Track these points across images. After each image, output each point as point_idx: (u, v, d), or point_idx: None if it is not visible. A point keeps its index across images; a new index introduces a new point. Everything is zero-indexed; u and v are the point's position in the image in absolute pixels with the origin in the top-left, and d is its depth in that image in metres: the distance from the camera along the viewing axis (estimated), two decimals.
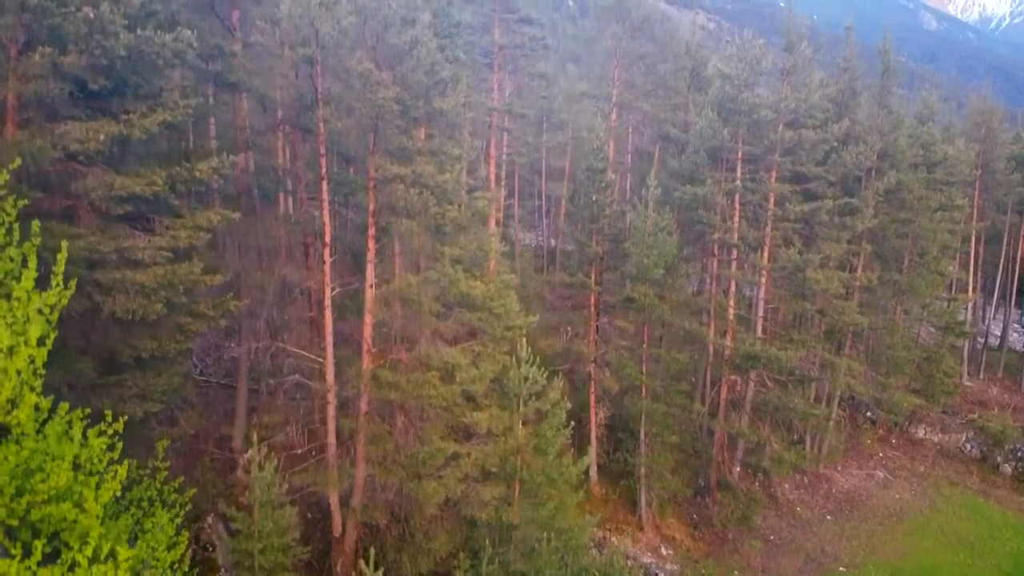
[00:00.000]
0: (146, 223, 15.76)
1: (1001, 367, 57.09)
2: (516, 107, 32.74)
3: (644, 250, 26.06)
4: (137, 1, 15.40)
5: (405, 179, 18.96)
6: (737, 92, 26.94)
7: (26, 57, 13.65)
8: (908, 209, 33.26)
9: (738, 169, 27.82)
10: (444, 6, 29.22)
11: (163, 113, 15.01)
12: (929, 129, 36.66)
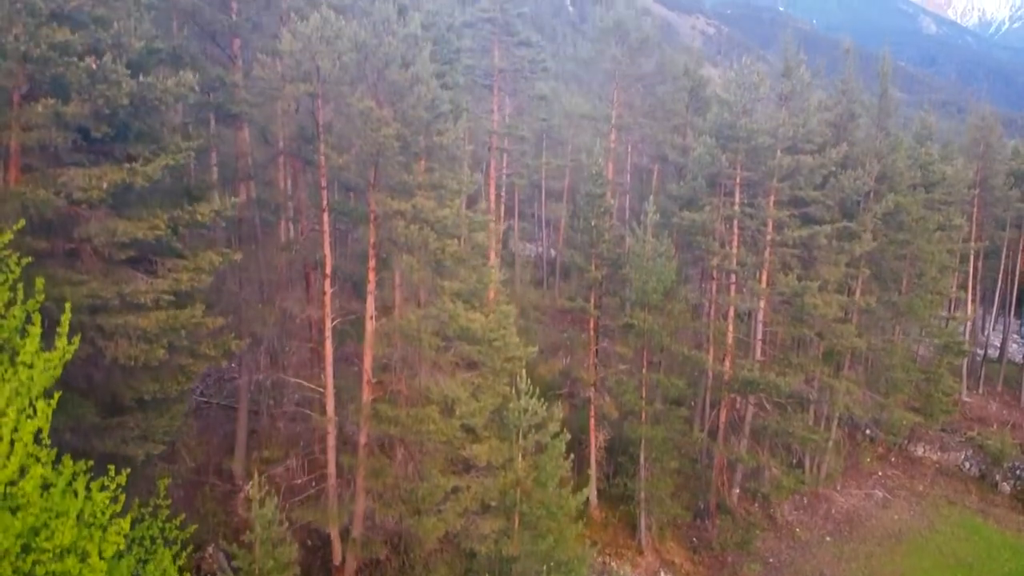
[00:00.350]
0: (148, 264, 15.89)
1: (1000, 380, 57.16)
2: (516, 129, 32.87)
3: (643, 275, 26.18)
4: (139, 45, 15.59)
5: (405, 214, 19.09)
6: (735, 119, 27.08)
7: (29, 106, 13.79)
8: (906, 231, 33.40)
9: (736, 194, 27.94)
10: (444, 32, 29.45)
11: (166, 158, 15.13)
12: (928, 149, 36.82)
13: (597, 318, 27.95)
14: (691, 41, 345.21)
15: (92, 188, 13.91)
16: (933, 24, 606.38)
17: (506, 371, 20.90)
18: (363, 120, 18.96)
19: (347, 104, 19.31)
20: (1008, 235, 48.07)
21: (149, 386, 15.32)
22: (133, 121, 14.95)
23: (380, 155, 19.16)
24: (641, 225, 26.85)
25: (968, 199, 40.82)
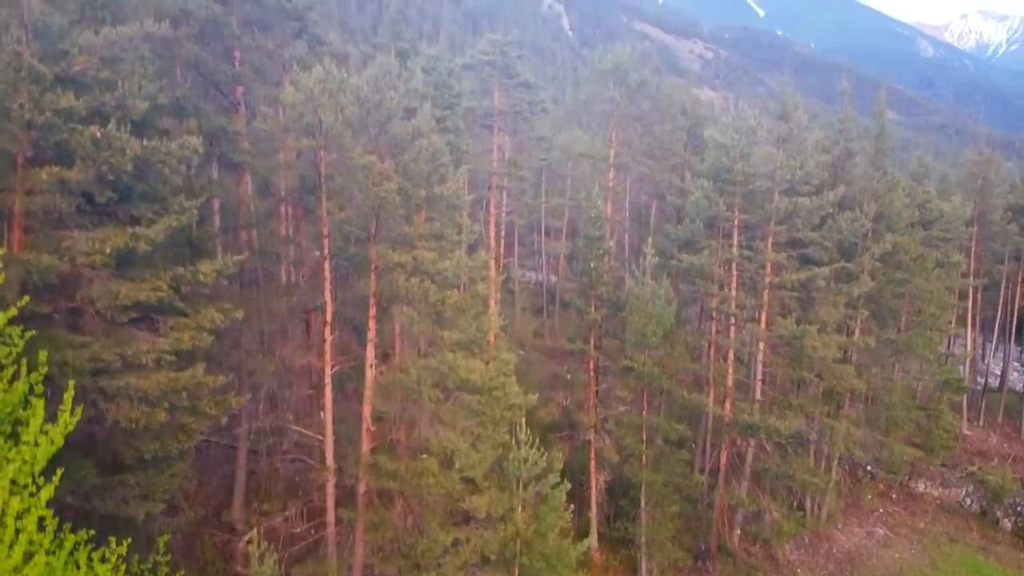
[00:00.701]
0: (150, 322, 16.00)
1: (1001, 410, 57.04)
2: (516, 169, 33.14)
3: (642, 318, 26.28)
4: (143, 106, 15.81)
5: (406, 267, 19.23)
6: (732, 163, 27.30)
7: (33, 171, 13.97)
8: (904, 269, 33.54)
9: (735, 236, 28.11)
10: (444, 77, 29.82)
11: (169, 219, 15.30)
12: (925, 186, 37.05)
13: (597, 359, 28.01)
14: (689, 65, 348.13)
15: (95, 252, 14.05)
16: (930, 47, 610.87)
17: (506, 419, 20.94)
18: (364, 174, 19.15)
19: (349, 157, 19.54)
20: (1007, 268, 48.21)
21: (150, 445, 15.38)
22: (136, 183, 15.12)
23: (381, 208, 19.34)
24: (640, 267, 27.01)
25: (966, 236, 41.01)
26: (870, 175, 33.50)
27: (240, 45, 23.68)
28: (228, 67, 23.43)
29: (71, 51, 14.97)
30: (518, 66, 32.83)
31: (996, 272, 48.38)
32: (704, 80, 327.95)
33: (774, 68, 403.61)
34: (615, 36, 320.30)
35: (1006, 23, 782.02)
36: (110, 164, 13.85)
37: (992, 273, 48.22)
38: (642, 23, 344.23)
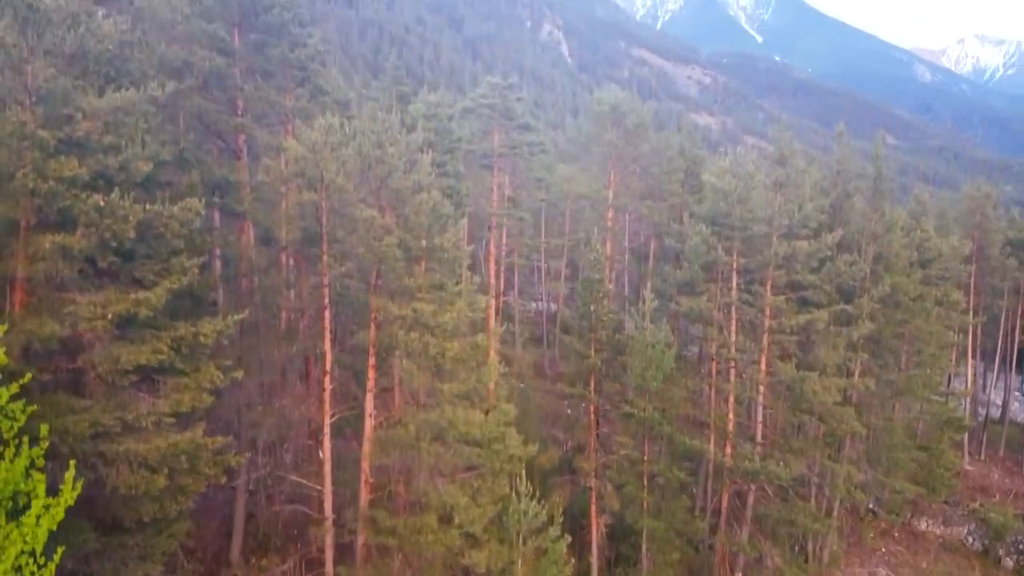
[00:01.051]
0: (150, 382, 16.05)
1: (1002, 443, 56.89)
2: (515, 210, 33.33)
3: (642, 363, 26.32)
4: (147, 168, 15.97)
5: (405, 319, 19.30)
6: (730, 208, 27.47)
7: (35, 238, 14.08)
8: (904, 310, 33.60)
9: (733, 280, 28.21)
10: (445, 123, 30.09)
11: (170, 281, 15.37)
12: (923, 225, 37.20)
13: (597, 404, 28.01)
14: (687, 90, 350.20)
15: (97, 318, 14.12)
16: (928, 72, 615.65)
17: (506, 471, 20.92)
18: (366, 228, 19.30)
19: (350, 211, 19.69)
20: (1007, 303, 48.30)
21: (149, 508, 15.35)
22: (139, 246, 15.22)
23: (381, 262, 19.46)
24: (640, 311, 27.09)
25: (965, 273, 41.15)
26: (868, 215, 33.65)
27: (243, 95, 23.93)
28: (231, 117, 23.67)
29: (75, 116, 15.13)
30: (517, 108, 33.13)
31: (996, 306, 48.46)
32: (702, 105, 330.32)
33: (772, 93, 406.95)
34: (614, 62, 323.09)
35: (1003, 48, 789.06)
36: (113, 231, 13.96)
37: (992, 307, 48.30)
38: (640, 49, 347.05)
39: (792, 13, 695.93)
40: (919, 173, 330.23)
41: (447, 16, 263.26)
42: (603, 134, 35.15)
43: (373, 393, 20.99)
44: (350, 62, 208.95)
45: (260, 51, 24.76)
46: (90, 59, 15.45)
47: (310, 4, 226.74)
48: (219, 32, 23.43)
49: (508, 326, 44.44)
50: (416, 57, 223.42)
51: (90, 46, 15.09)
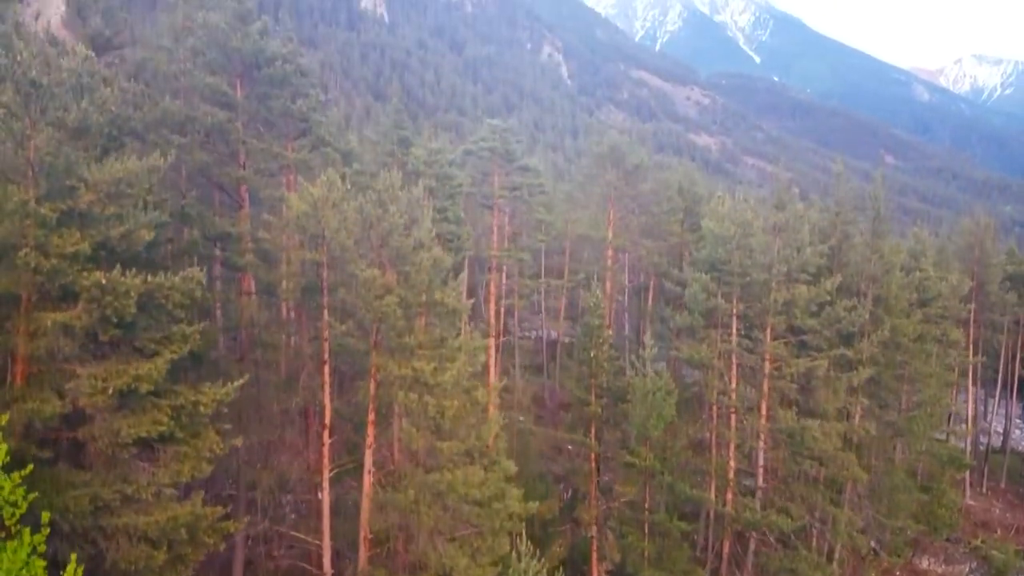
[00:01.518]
0: (150, 451, 16.05)
1: (1004, 474, 56.74)
2: (515, 252, 33.44)
3: (643, 411, 26.30)
4: (149, 236, 16.06)
5: (405, 379, 19.32)
6: (730, 255, 27.55)
7: (37, 315, 14.15)
8: (904, 351, 33.62)
9: (733, 326, 28.25)
10: (445, 168, 30.25)
11: (171, 351, 15.43)
12: (923, 264, 37.27)
13: (598, 452, 27.96)
14: (686, 111, 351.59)
15: (97, 393, 14.15)
16: (926, 92, 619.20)
17: (506, 529, 20.85)
18: (366, 288, 19.37)
19: (351, 271, 19.77)
20: (1007, 340, 48.32)
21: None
22: (141, 320, 15.27)
23: (381, 322, 19.52)
24: (640, 358, 27.11)
25: (965, 312, 41.20)
26: (867, 256, 33.74)
27: (245, 147, 24.07)
28: (233, 170, 23.80)
29: (77, 186, 15.24)
30: (517, 151, 33.31)
31: (996, 341, 48.47)
32: (701, 126, 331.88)
33: (770, 113, 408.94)
34: (613, 84, 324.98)
35: (1000, 67, 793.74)
36: (114, 308, 14.01)
37: (992, 341, 48.30)
38: (639, 71, 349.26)
39: (790, 34, 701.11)
40: (918, 193, 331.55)
41: (448, 39, 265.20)
42: (603, 174, 35.34)
43: (372, 449, 20.98)
44: (352, 85, 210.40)
45: (262, 102, 24.92)
46: (93, 130, 15.56)
47: (312, 27, 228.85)
48: (221, 86, 23.62)
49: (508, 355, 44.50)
50: (417, 80, 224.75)
51: (93, 119, 15.20)
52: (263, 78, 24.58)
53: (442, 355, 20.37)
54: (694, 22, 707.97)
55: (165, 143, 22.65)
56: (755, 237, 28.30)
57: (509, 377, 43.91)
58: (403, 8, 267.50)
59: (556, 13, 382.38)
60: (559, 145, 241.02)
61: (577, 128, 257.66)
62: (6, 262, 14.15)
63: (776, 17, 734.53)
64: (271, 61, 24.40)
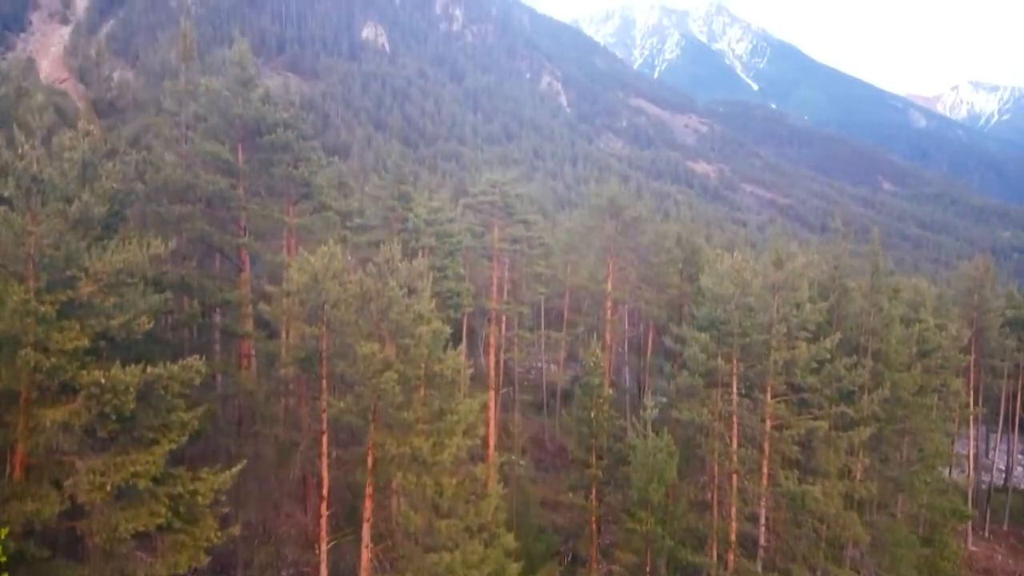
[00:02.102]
0: (148, 539, 15.96)
1: (1006, 516, 56.28)
2: (515, 306, 33.47)
3: (644, 473, 26.19)
4: (148, 326, 16.05)
5: (403, 457, 19.24)
6: (729, 315, 27.56)
7: (37, 411, 14.13)
8: (904, 406, 33.53)
9: (734, 386, 28.19)
10: (446, 226, 30.38)
11: (169, 440, 15.39)
12: (922, 316, 37.28)
13: (599, 515, 27.81)
14: (684, 139, 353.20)
15: (96, 490, 14.09)
16: (923, 118, 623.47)
17: None
18: (365, 364, 19.34)
19: (350, 344, 19.77)
20: (1007, 386, 48.24)
21: None
22: (140, 413, 15.24)
23: (380, 398, 19.48)
24: (641, 419, 27.04)
25: (964, 363, 41.17)
26: (867, 310, 33.77)
27: (246, 213, 24.19)
28: (234, 236, 23.90)
29: (78, 276, 15.28)
30: (516, 204, 33.45)
31: (996, 387, 48.37)
32: (699, 153, 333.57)
33: (769, 140, 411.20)
34: (612, 112, 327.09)
35: (997, 94, 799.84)
36: (113, 405, 14.00)
37: (992, 387, 48.20)
38: (638, 99, 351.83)
39: (787, 62, 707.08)
40: (916, 220, 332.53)
41: (448, 69, 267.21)
42: (601, 226, 35.47)
43: (370, 523, 20.84)
44: (353, 114, 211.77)
45: (264, 168, 25.08)
46: (94, 221, 15.63)
47: (314, 57, 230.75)
48: (223, 153, 23.78)
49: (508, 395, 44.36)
50: (418, 110, 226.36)
51: (93, 211, 15.27)
52: (265, 144, 24.75)
53: (441, 429, 20.30)
54: (692, 50, 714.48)
55: (167, 212, 22.85)
56: (754, 296, 28.32)
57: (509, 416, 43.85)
58: (404, 38, 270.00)
59: (555, 43, 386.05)
60: (558, 173, 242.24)
61: (576, 156, 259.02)
62: (5, 357, 14.15)
63: (773, 45, 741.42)
64: (273, 128, 24.59)
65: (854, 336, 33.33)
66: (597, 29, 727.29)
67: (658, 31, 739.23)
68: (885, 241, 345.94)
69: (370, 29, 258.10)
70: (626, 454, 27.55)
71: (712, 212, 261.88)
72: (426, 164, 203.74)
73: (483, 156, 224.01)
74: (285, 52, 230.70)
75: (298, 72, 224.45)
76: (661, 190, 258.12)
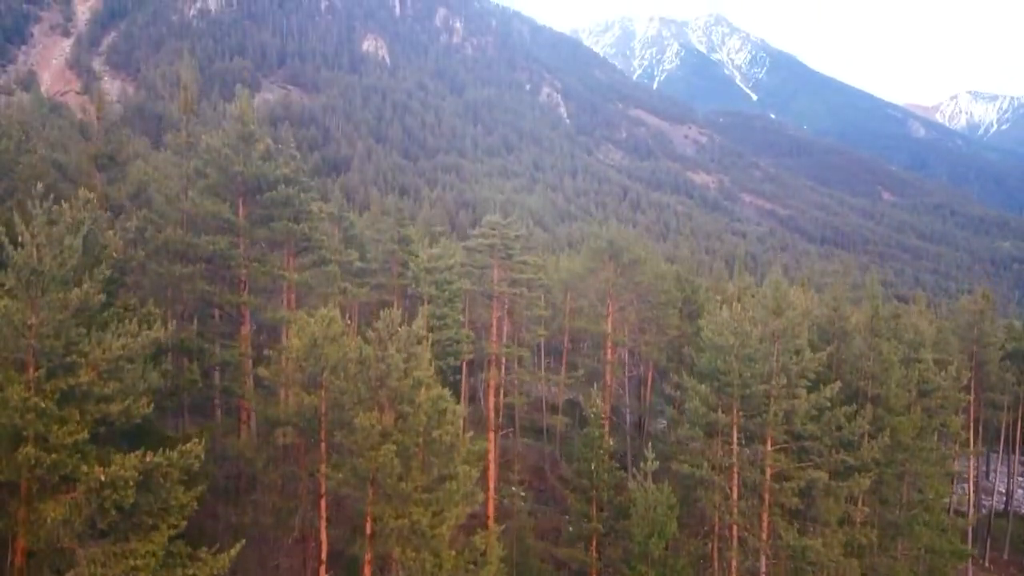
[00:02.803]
0: None
1: (1007, 543, 56.04)
2: (515, 350, 33.47)
3: (645, 528, 26.15)
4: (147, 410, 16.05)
5: (402, 531, 19.22)
6: (728, 367, 27.57)
7: (38, 507, 14.12)
8: (903, 450, 33.50)
9: (733, 437, 28.18)
10: (445, 275, 30.41)
11: (168, 524, 15.38)
12: (922, 356, 37.25)
13: (599, 569, 27.76)
14: (684, 150, 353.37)
15: None
16: (922, 128, 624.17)
17: None
18: (363, 435, 19.35)
19: (349, 414, 19.78)
20: (1006, 418, 48.21)
21: None
22: (139, 495, 15.23)
23: (378, 471, 19.47)
24: (641, 471, 27.01)
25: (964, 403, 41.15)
26: (865, 354, 33.80)
27: (247, 271, 24.22)
28: (234, 295, 23.93)
29: (78, 362, 15.29)
30: (516, 247, 33.46)
31: (996, 419, 48.33)
32: (699, 164, 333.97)
33: (768, 151, 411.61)
34: (612, 123, 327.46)
35: (996, 103, 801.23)
36: (113, 500, 14.00)
37: (992, 420, 48.17)
38: (637, 110, 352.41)
39: (786, 71, 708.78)
40: (916, 231, 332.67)
41: (448, 82, 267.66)
42: (601, 268, 35.51)
43: None
44: (353, 128, 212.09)
45: (264, 223, 25.15)
46: (94, 308, 15.65)
47: (315, 71, 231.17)
48: (224, 212, 23.84)
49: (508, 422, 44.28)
50: (418, 122, 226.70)
51: (93, 299, 15.29)
52: (265, 201, 24.84)
53: (440, 498, 20.28)
54: (691, 61, 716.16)
55: (167, 272, 22.87)
56: (753, 348, 28.33)
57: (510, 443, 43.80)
58: (404, 51, 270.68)
59: (555, 54, 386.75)
60: (558, 185, 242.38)
61: (576, 168, 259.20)
62: (5, 450, 14.16)
63: (772, 55, 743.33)
64: (274, 184, 24.68)
65: (854, 380, 33.35)
66: (597, 40, 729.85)
67: (657, 42, 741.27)
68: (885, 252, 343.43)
69: (370, 42, 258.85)
70: (626, 507, 27.50)
71: (712, 223, 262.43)
72: (426, 177, 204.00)
73: (483, 169, 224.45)
74: (286, 65, 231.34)
75: (299, 85, 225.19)
76: (660, 201, 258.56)
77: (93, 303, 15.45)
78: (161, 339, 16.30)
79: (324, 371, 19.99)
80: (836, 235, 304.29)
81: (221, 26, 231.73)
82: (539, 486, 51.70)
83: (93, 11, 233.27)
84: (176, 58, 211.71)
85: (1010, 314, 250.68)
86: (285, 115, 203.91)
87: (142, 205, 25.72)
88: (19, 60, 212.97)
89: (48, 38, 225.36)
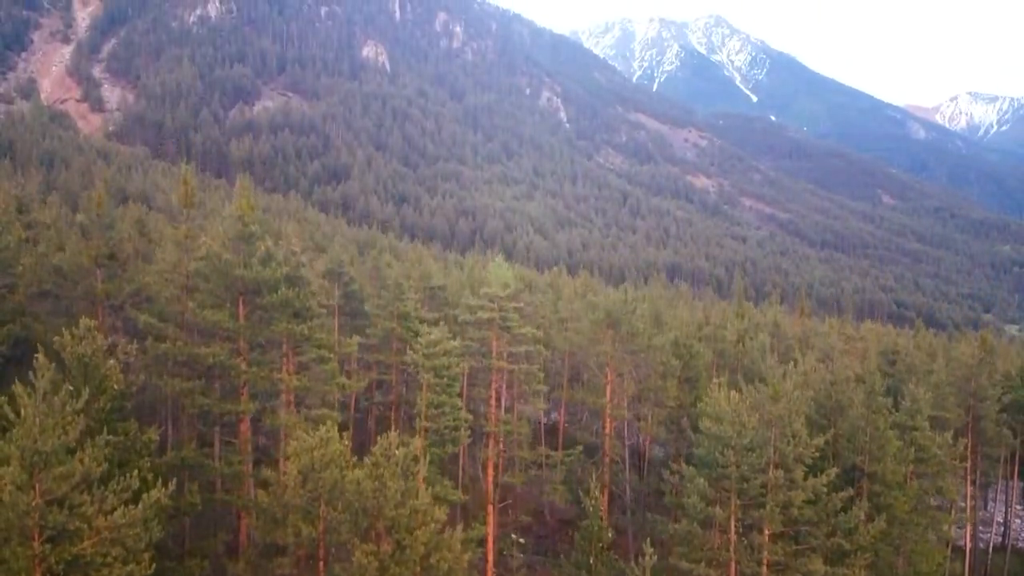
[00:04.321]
0: None
1: None
2: (518, 426, 33.64)
3: None
4: (149, 566, 16.25)
5: None
6: (727, 460, 27.73)
7: None
8: (899, 523, 33.69)
9: (731, 530, 28.35)
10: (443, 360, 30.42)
11: None
12: (918, 422, 37.41)
13: None
14: (684, 153, 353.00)
15: None
16: (922, 129, 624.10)
17: None
18: (360, 570, 19.51)
19: (347, 546, 19.98)
20: (1003, 471, 48.38)
21: None
22: None
23: None
24: (640, 567, 27.16)
25: (961, 470, 41.35)
26: (862, 428, 33.99)
27: (247, 378, 24.36)
28: (234, 404, 24.09)
29: (81, 529, 15.47)
30: (515, 319, 33.56)
31: (993, 474, 48.51)
32: (699, 168, 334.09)
33: (768, 153, 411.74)
34: (611, 127, 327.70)
35: (996, 104, 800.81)
36: None
37: (989, 473, 48.35)
38: (637, 113, 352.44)
39: (786, 73, 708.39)
40: (916, 234, 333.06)
41: (448, 88, 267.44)
42: (600, 341, 35.64)
43: None
44: (353, 136, 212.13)
45: (264, 323, 25.30)
46: (95, 480, 15.83)
47: (315, 78, 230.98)
48: (224, 322, 23.98)
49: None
50: (418, 129, 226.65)
51: (94, 471, 15.46)
52: (266, 304, 24.98)
53: None
54: (691, 62, 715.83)
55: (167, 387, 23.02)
56: (749, 436, 28.48)
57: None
58: (404, 56, 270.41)
59: (555, 56, 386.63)
60: (558, 192, 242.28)
61: (576, 173, 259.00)
62: None
63: (772, 56, 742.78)
64: (274, 287, 24.80)
65: (851, 456, 33.54)
66: (597, 42, 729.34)
67: (657, 43, 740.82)
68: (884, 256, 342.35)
69: (370, 48, 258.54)
70: None
71: (712, 228, 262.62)
72: (426, 185, 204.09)
73: (483, 175, 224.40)
74: (286, 72, 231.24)
75: (299, 92, 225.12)
76: (660, 206, 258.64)
77: (94, 474, 15.62)
78: (162, 500, 16.46)
79: (321, 502, 20.18)
80: (836, 239, 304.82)
81: (221, 33, 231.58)
82: (538, 531, 51.94)
83: (93, 17, 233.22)
84: (176, 65, 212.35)
85: (1011, 317, 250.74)
86: (285, 123, 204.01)
87: (141, 304, 25.88)
88: (19, 67, 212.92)
89: (48, 45, 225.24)
